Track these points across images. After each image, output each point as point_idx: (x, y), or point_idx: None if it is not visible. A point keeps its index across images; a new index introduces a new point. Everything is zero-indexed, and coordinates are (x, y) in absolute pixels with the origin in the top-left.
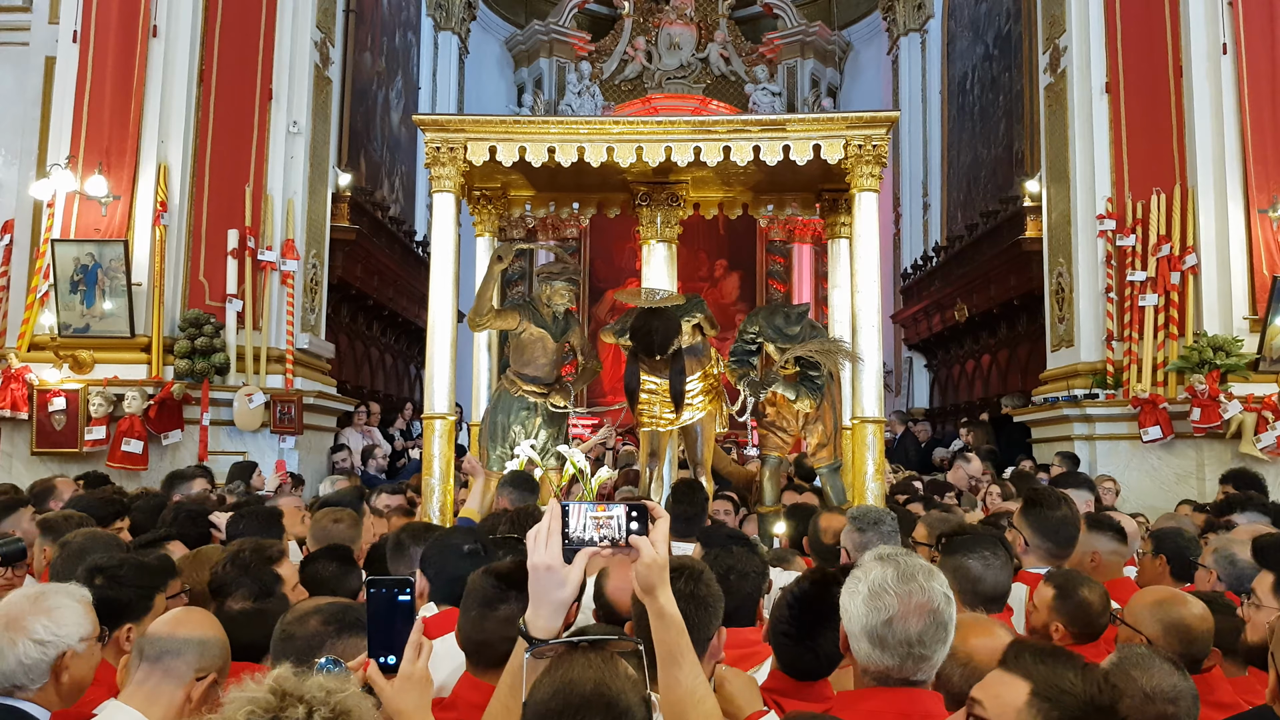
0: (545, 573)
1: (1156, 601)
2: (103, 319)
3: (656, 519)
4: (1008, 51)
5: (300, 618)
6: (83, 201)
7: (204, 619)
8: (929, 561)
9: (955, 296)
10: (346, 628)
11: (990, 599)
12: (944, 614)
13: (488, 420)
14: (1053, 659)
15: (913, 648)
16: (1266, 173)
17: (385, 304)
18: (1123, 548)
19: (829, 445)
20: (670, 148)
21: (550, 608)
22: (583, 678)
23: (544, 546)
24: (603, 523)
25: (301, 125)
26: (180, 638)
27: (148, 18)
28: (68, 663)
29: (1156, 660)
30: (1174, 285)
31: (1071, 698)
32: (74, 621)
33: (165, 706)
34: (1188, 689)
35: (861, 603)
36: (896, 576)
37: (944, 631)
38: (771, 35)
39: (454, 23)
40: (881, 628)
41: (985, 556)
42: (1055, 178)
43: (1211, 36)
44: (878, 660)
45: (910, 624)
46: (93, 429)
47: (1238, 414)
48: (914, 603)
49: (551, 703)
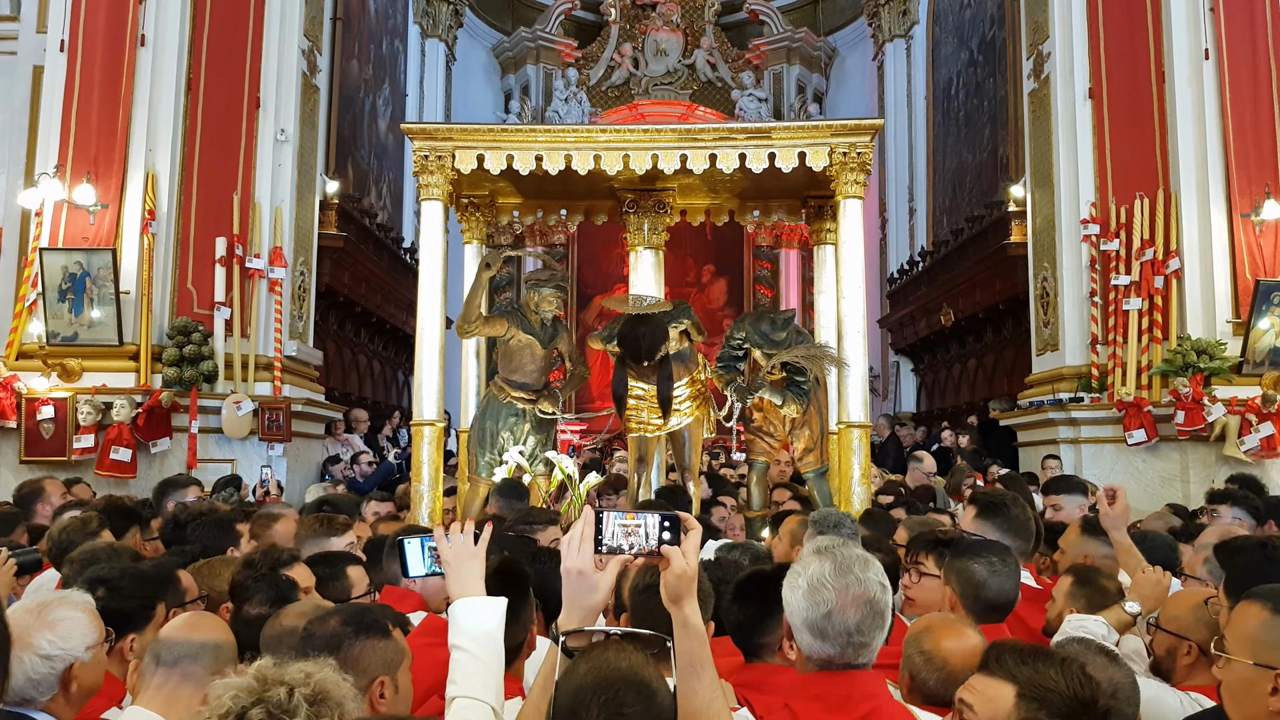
0: (578, 577)
1: (1199, 604)
2: (91, 327)
3: (689, 530)
4: (992, 57)
5: (321, 618)
6: (71, 210)
7: (215, 623)
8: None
9: (941, 301)
10: (364, 629)
11: (991, 607)
12: (880, 603)
13: (476, 426)
14: (1033, 659)
15: (852, 637)
16: (1248, 177)
17: (373, 311)
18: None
19: (815, 450)
20: (657, 155)
21: (582, 611)
22: (618, 659)
23: (577, 551)
24: (632, 531)
25: (289, 133)
26: (197, 642)
27: (135, 27)
28: (76, 673)
29: (1090, 655)
30: (1158, 289)
31: (1056, 695)
32: (79, 632)
33: (185, 710)
34: (1125, 679)
35: (802, 597)
36: (834, 570)
37: (881, 620)
38: (758, 41)
39: (441, 30)
40: (821, 620)
41: (993, 562)
42: (1039, 183)
43: (1194, 42)
44: (820, 649)
45: (849, 615)
46: (81, 437)
47: (1221, 417)
48: (851, 595)
49: (586, 679)
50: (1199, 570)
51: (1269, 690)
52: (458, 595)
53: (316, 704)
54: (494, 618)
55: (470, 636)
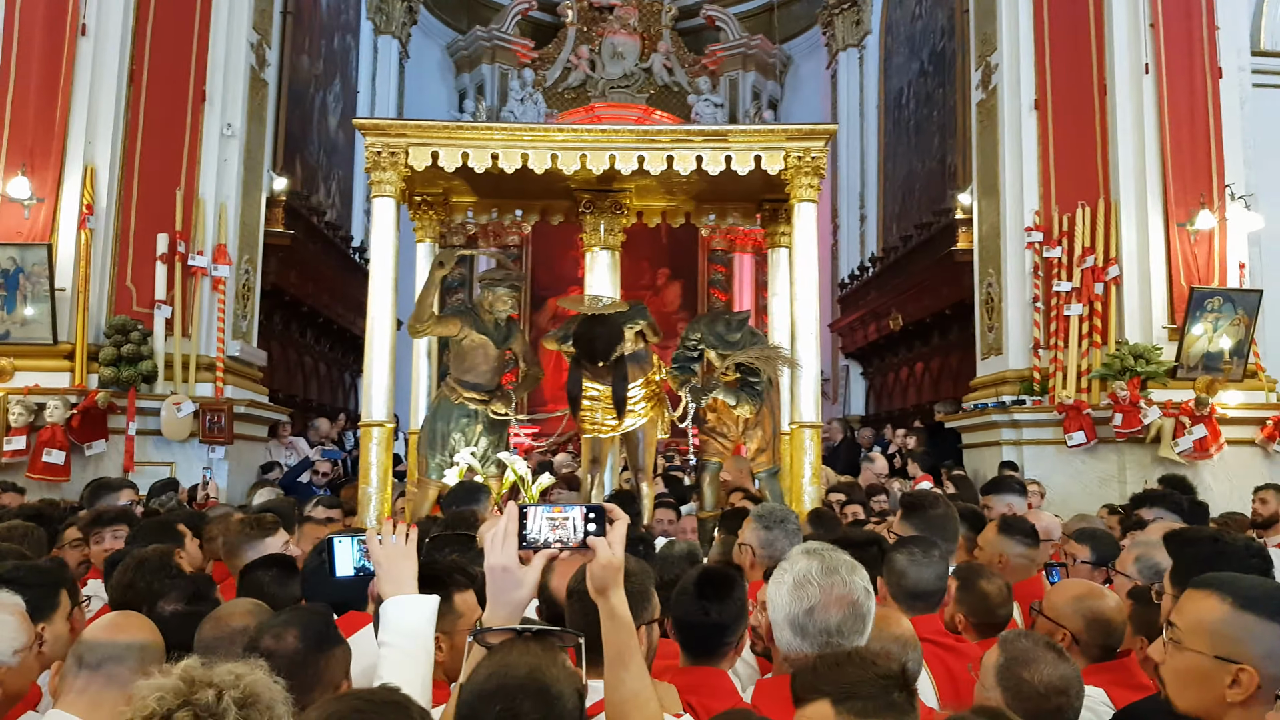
0: (502, 573)
1: (1077, 596)
2: (24, 325)
3: (615, 520)
4: (942, 68)
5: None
6: (4, 204)
7: (141, 623)
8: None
9: (890, 306)
10: (324, 642)
11: (915, 595)
12: (863, 606)
13: (427, 428)
14: (828, 666)
15: (831, 637)
16: (1185, 187)
17: (320, 311)
18: (1033, 551)
19: (768, 450)
20: (614, 156)
21: (508, 608)
22: (519, 663)
23: (501, 548)
24: (559, 524)
25: (236, 128)
26: (122, 643)
27: (76, 15)
28: (3, 677)
29: (1039, 651)
30: (1097, 295)
31: (863, 683)
32: (9, 635)
33: (109, 713)
34: (1072, 673)
35: (786, 592)
36: (821, 569)
37: (862, 623)
38: (714, 47)
39: (394, 27)
40: (803, 616)
41: (914, 553)
42: (986, 191)
43: (1134, 57)
44: (797, 648)
45: (830, 614)
46: (12, 439)
47: (1157, 419)
48: (835, 594)
49: (486, 685)
50: (1129, 567)
51: (1228, 683)
52: (390, 594)
53: (246, 707)
54: (423, 614)
55: (398, 632)
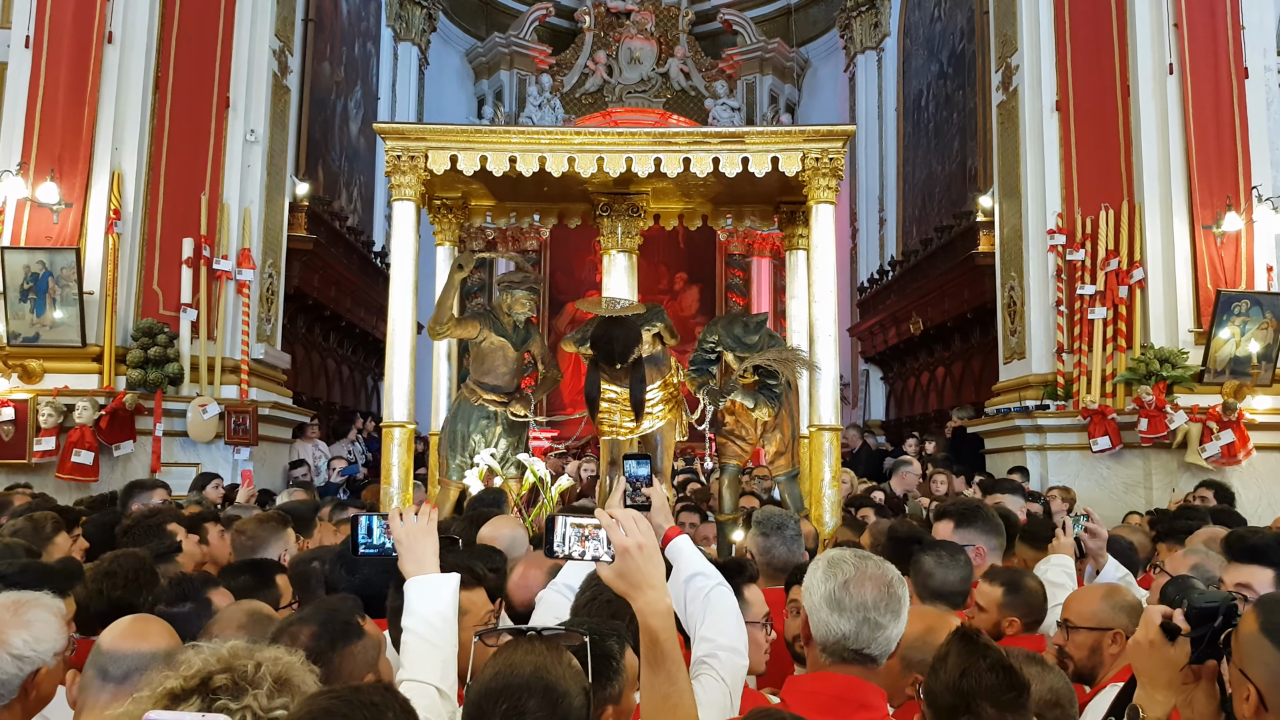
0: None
1: (1103, 596)
2: (53, 328)
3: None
4: (961, 70)
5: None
6: (34, 209)
7: (161, 628)
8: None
9: (910, 310)
10: (340, 638)
11: (939, 595)
12: (897, 588)
13: (447, 429)
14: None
15: (869, 612)
16: (1210, 189)
17: (342, 314)
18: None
19: (787, 453)
20: (631, 158)
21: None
22: (524, 661)
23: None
24: (588, 534)
25: (259, 134)
26: (146, 653)
27: (103, 23)
28: (40, 680)
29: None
30: (1122, 299)
31: None
32: (51, 636)
33: None
34: (1061, 683)
35: (820, 571)
36: (854, 555)
37: (897, 604)
38: (731, 51)
39: (414, 34)
40: (839, 590)
41: (940, 556)
42: (1007, 193)
43: (1158, 57)
44: (835, 627)
45: (866, 589)
46: (42, 440)
47: (1183, 424)
48: (869, 572)
49: (492, 683)
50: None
51: (1244, 697)
52: (412, 573)
53: (280, 683)
54: (446, 597)
55: (421, 618)
